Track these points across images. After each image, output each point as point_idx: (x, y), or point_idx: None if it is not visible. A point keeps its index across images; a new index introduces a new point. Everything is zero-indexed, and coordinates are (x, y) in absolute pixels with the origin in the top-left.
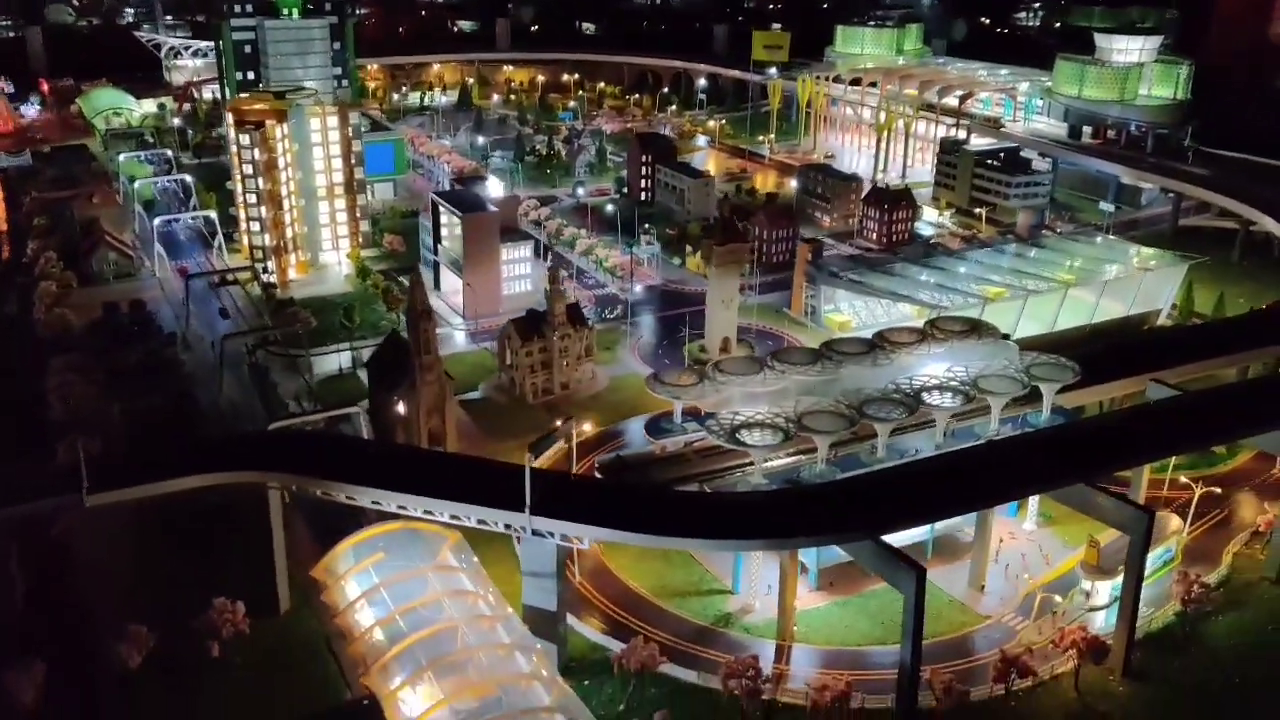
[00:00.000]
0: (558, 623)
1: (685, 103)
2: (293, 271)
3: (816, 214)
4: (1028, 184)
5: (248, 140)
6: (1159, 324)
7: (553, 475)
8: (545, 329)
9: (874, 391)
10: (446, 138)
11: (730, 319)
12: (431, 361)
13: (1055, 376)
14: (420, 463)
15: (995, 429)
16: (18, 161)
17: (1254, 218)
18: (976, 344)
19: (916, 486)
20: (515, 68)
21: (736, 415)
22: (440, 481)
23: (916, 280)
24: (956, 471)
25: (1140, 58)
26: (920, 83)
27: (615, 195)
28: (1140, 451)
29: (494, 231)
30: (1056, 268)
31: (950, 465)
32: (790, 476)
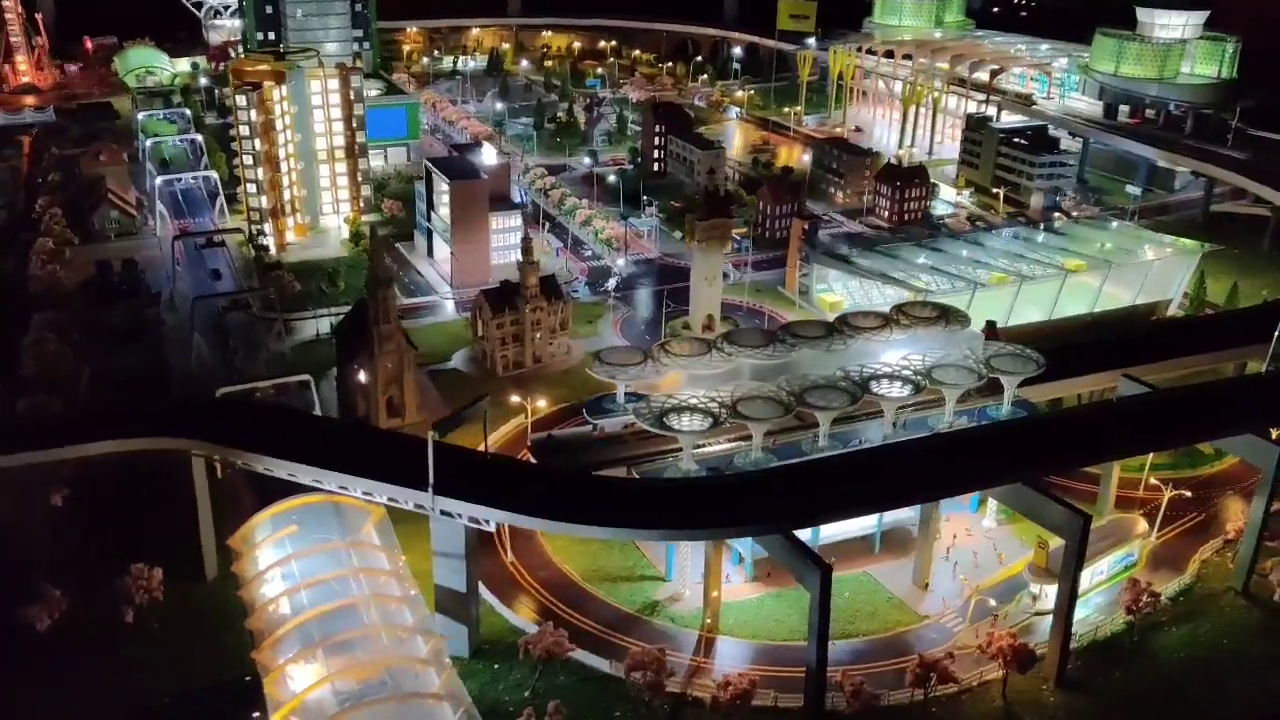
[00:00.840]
0: (468, 604)
1: (720, 72)
2: (291, 234)
3: (830, 189)
4: (1053, 164)
5: (244, 101)
6: (1169, 314)
7: (466, 454)
8: (518, 301)
9: (819, 378)
10: (472, 103)
11: (714, 296)
12: (390, 331)
13: (1017, 369)
14: (341, 436)
15: (949, 421)
16: (42, 118)
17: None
18: (941, 332)
19: (840, 480)
20: (553, 33)
21: (669, 398)
22: (357, 456)
23: (913, 262)
24: (887, 466)
25: (1184, 34)
26: (952, 56)
27: (630, 165)
28: (1087, 451)
29: (483, 199)
30: (1061, 253)
31: (883, 458)
32: (723, 464)
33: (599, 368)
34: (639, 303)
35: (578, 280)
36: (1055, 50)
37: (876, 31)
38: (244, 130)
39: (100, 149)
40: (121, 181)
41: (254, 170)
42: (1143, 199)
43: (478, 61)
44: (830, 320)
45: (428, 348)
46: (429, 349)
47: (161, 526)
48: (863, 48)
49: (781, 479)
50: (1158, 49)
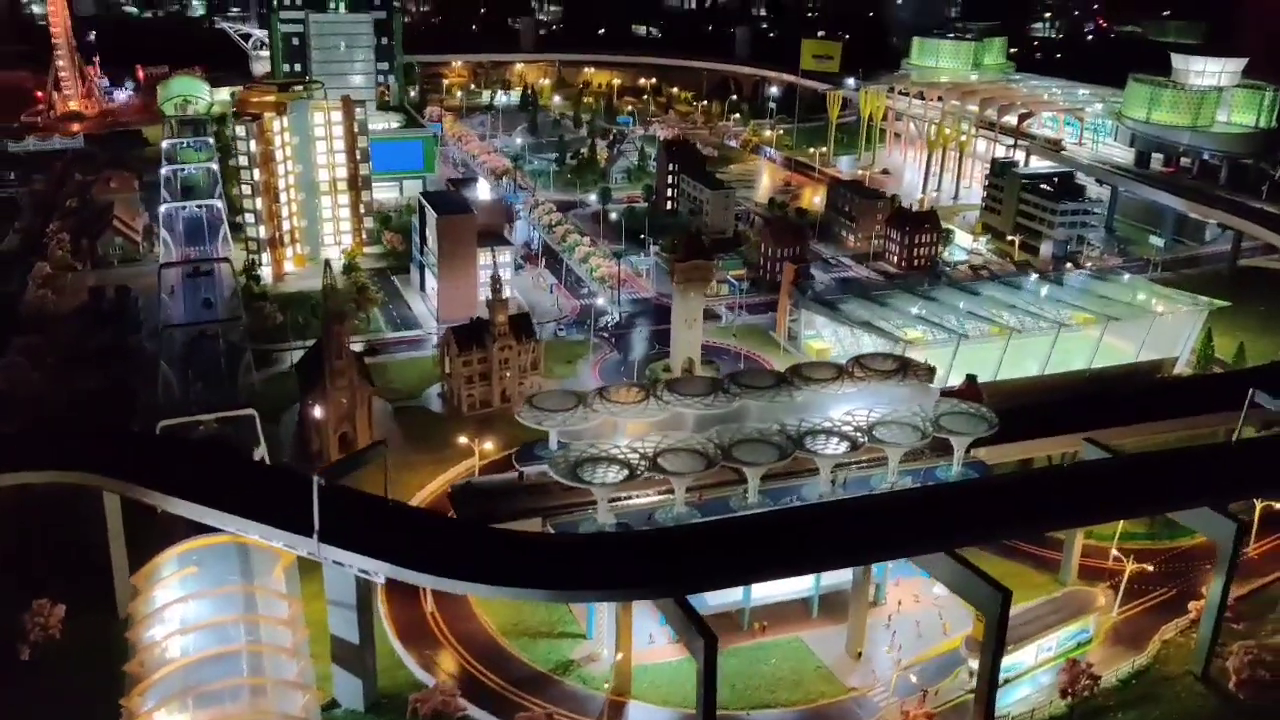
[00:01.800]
0: (363, 655)
1: (756, 112)
2: (290, 264)
3: (843, 233)
4: (1075, 212)
5: (243, 132)
6: (1176, 372)
7: (367, 500)
8: (486, 339)
9: (752, 431)
10: (500, 137)
11: (694, 339)
12: (343, 367)
13: (967, 429)
14: (246, 474)
15: (891, 482)
16: (71, 144)
17: None
18: (895, 386)
19: (748, 542)
20: (595, 69)
21: (592, 448)
22: (255, 498)
23: (904, 311)
24: (802, 528)
25: (1220, 81)
26: (981, 100)
27: (644, 203)
28: (1019, 521)
29: (470, 234)
30: (1061, 306)
31: (799, 521)
32: (642, 519)
33: (527, 412)
34: (629, 343)
35: (566, 318)
36: (1093, 95)
37: (913, 73)
38: (243, 160)
39: (111, 175)
40: (130, 208)
41: (252, 200)
42: (1169, 250)
43: (510, 96)
44: (779, 371)
45: (401, 383)
46: (403, 384)
47: (80, 560)
48: (893, 89)
49: (690, 538)
50: (1191, 96)
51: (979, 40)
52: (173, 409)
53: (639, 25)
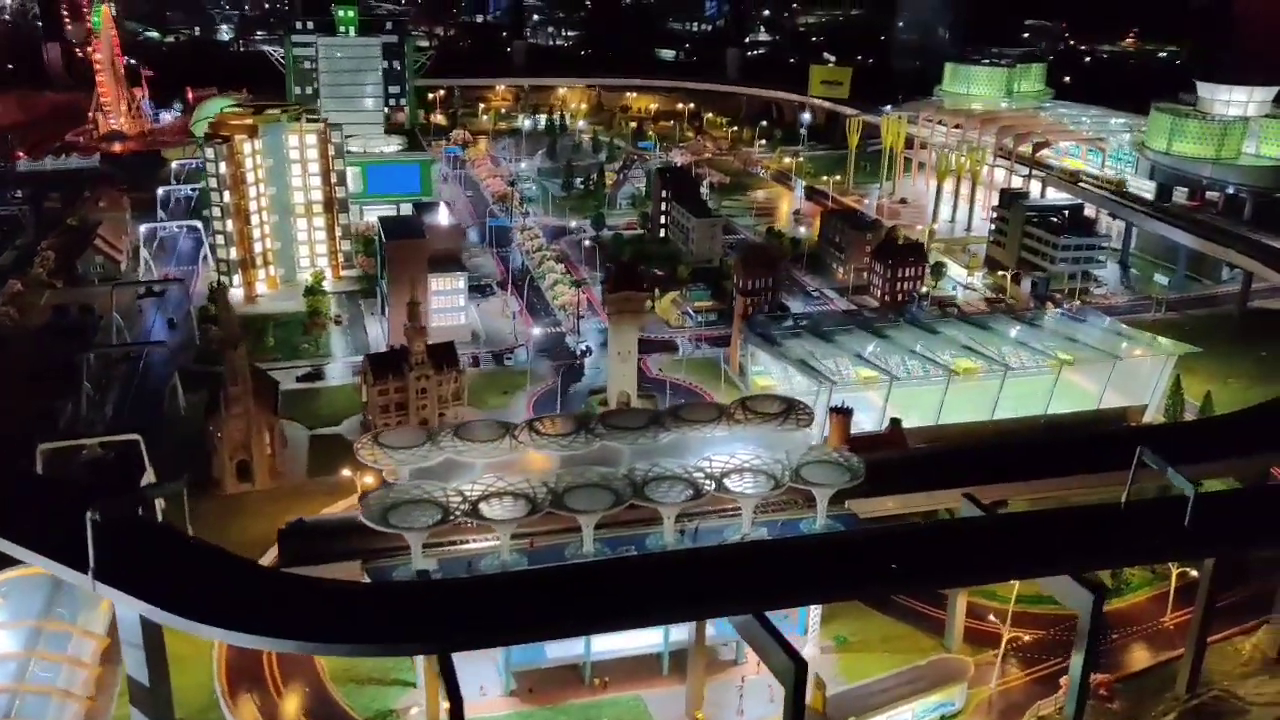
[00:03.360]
0: (155, 698)
1: (788, 138)
2: (263, 286)
3: (834, 264)
4: (1078, 246)
5: (212, 154)
6: (1146, 420)
7: (169, 536)
8: (404, 367)
9: (594, 476)
10: (524, 160)
11: (629, 372)
12: (239, 394)
13: (829, 479)
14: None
15: (745, 533)
16: (86, 164)
17: None
18: (772, 430)
19: (545, 596)
20: (637, 95)
21: (416, 489)
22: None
23: (851, 349)
24: (609, 582)
25: (1248, 111)
26: (1000, 128)
27: (641, 230)
28: (846, 584)
29: (421, 259)
30: (1024, 349)
31: (611, 573)
32: (464, 566)
33: (367, 448)
34: (578, 373)
35: (521, 347)
36: (1126, 124)
37: (946, 100)
38: (212, 182)
39: (101, 195)
40: (117, 228)
41: (222, 222)
42: (1181, 289)
43: (537, 120)
44: (654, 411)
45: (330, 410)
46: (331, 411)
47: None
48: (915, 116)
49: (489, 588)
50: (1214, 126)
51: (1012, 66)
52: (87, 430)
53: (665, 50)
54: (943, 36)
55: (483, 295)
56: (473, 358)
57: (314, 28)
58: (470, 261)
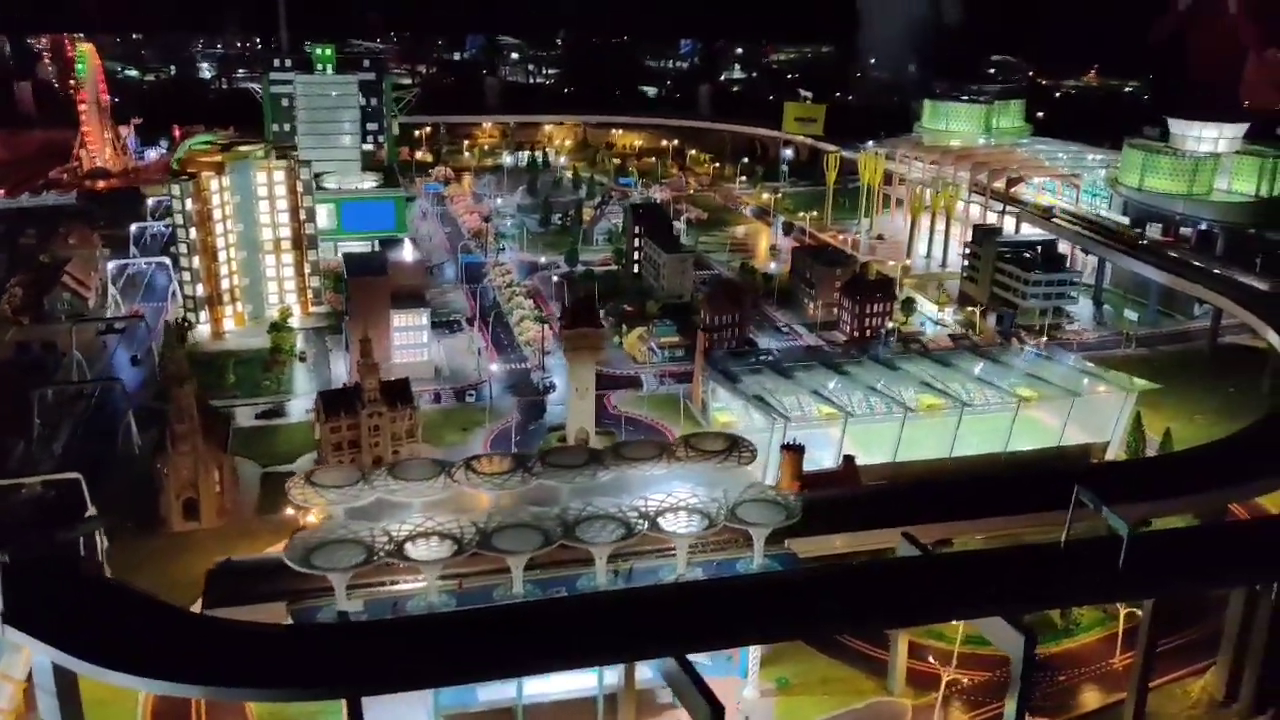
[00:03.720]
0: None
1: (771, 174)
2: (230, 323)
3: (805, 300)
4: (1049, 282)
5: (178, 191)
6: (1109, 457)
7: (82, 577)
8: (358, 405)
9: (525, 516)
10: (504, 196)
11: (587, 408)
12: (185, 431)
13: (765, 518)
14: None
15: (680, 573)
16: (63, 201)
17: (1262, 344)
18: (713, 468)
19: (458, 638)
20: (623, 131)
21: (343, 528)
22: None
23: (807, 386)
24: (533, 623)
25: (1219, 147)
26: (974, 164)
27: (615, 266)
28: (769, 626)
29: (383, 295)
30: (985, 385)
31: (536, 614)
32: (390, 607)
33: (299, 488)
34: (540, 410)
35: (483, 384)
36: (1103, 160)
37: (925, 136)
38: (178, 219)
39: (71, 232)
40: (86, 265)
41: (189, 259)
42: (1154, 324)
43: (519, 157)
44: (596, 449)
45: (287, 447)
46: (288, 449)
47: None
48: (892, 152)
49: (405, 630)
50: (1185, 162)
51: (989, 103)
52: (34, 469)
53: (648, 86)
54: (912, 73)
55: (450, 331)
56: (434, 394)
57: (292, 65)
58: (442, 297)
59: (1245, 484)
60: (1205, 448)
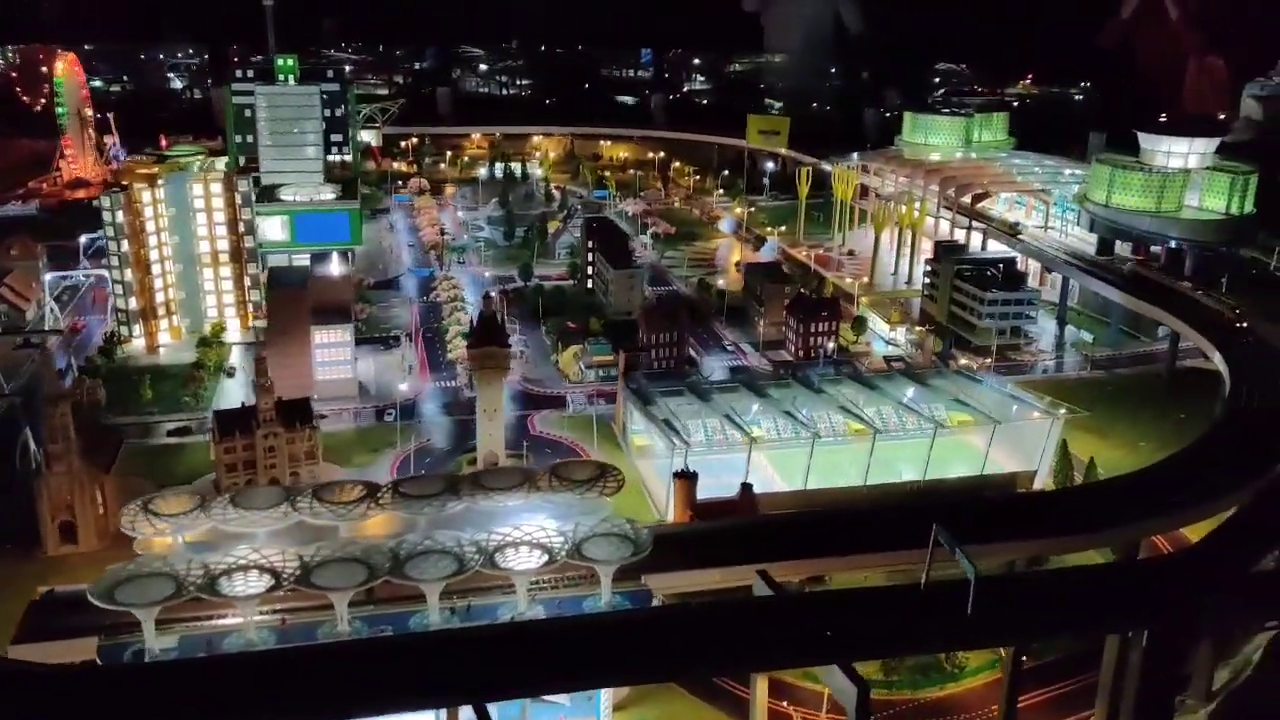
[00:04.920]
0: None
1: (752, 187)
2: (166, 336)
3: (755, 319)
4: (1005, 302)
5: (108, 203)
6: (1037, 487)
7: None
8: (254, 425)
9: (355, 550)
10: (480, 208)
11: (496, 430)
12: (60, 452)
13: (610, 554)
14: None
15: (521, 611)
16: (23, 211)
17: (1219, 369)
18: (571, 499)
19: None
20: (612, 143)
21: (159, 561)
22: None
23: (723, 411)
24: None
25: (1190, 162)
26: (942, 178)
27: (571, 282)
28: (590, 670)
29: (302, 310)
30: (907, 410)
31: (349, 654)
32: (205, 645)
33: (132, 515)
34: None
35: (398, 404)
36: (1081, 175)
37: (905, 150)
38: (109, 231)
39: (12, 243)
40: (27, 276)
41: (120, 271)
42: (1115, 346)
43: (492, 169)
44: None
45: (191, 467)
46: (192, 469)
47: None
48: (864, 166)
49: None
50: (1153, 178)
51: (969, 116)
52: None
53: (623, 96)
54: (866, 82)
55: (385, 347)
56: (353, 413)
57: (253, 76)
58: (387, 311)
59: (1122, 525)
60: (1101, 483)
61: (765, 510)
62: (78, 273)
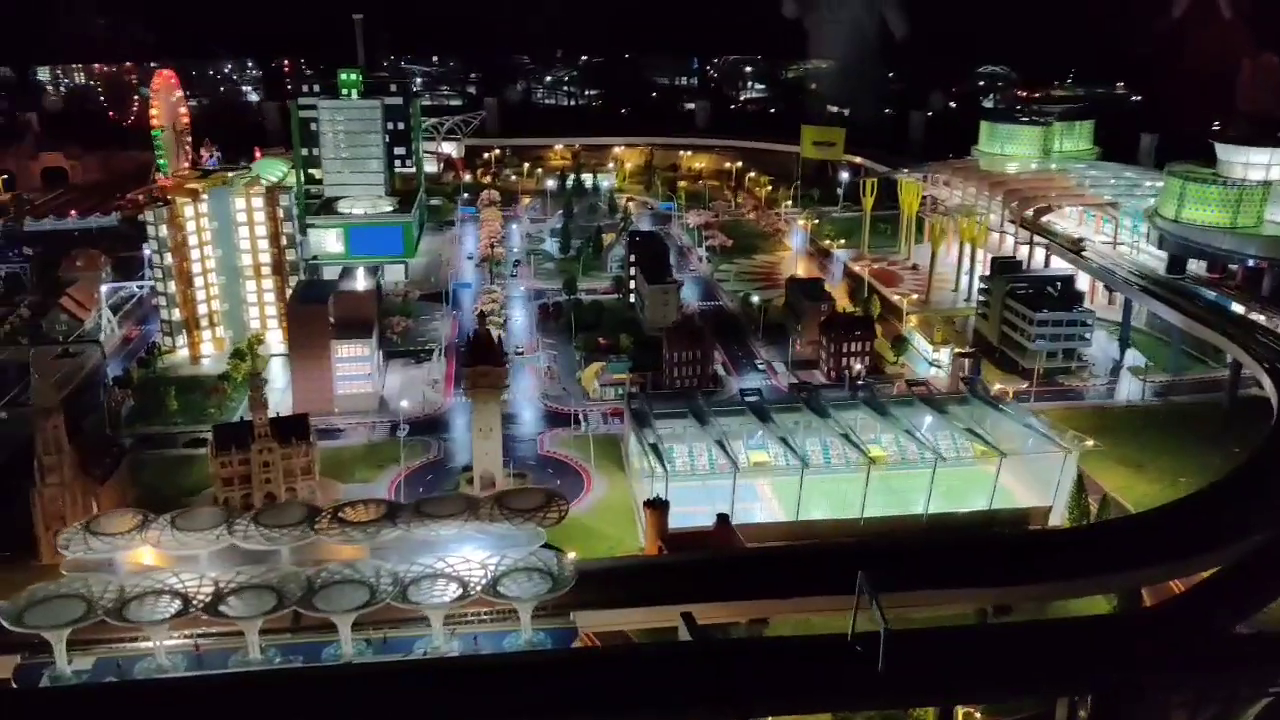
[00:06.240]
0: None
1: (827, 198)
2: (209, 347)
3: (793, 336)
4: (1055, 323)
5: (152, 217)
6: (1053, 523)
7: None
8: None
9: (271, 577)
10: (546, 219)
11: (492, 450)
12: (53, 463)
13: (531, 589)
14: None
15: (437, 645)
16: (104, 223)
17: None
18: (509, 529)
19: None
20: (692, 153)
21: (78, 581)
22: None
23: (715, 436)
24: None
25: (1271, 174)
26: (1006, 191)
27: (616, 296)
28: None
29: (322, 325)
30: (912, 440)
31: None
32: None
33: (66, 536)
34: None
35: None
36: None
37: (981, 160)
38: (152, 244)
39: (79, 255)
40: (88, 287)
41: (164, 283)
42: (1178, 371)
43: (560, 180)
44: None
45: (197, 480)
46: (199, 481)
47: None
48: (930, 177)
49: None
50: (1229, 191)
51: (1046, 124)
52: None
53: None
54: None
55: (416, 361)
56: (369, 427)
57: (319, 90)
58: (427, 324)
59: (1102, 574)
60: (1098, 524)
61: (749, 542)
62: (131, 284)
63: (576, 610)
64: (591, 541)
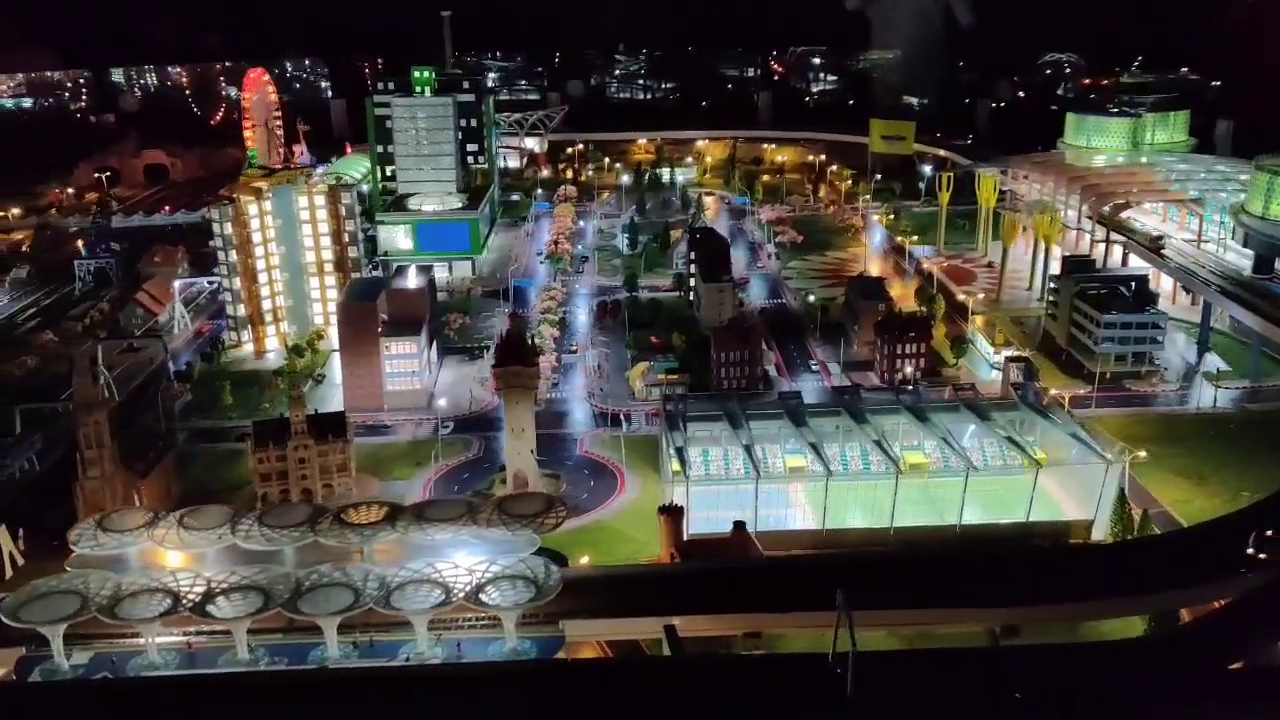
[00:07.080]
0: None
1: (908, 192)
2: (273, 342)
3: (851, 336)
4: (1124, 325)
5: (217, 215)
6: (1097, 537)
7: None
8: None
9: (260, 578)
10: (621, 214)
11: (525, 450)
12: (95, 457)
13: (514, 597)
14: None
15: (421, 651)
16: (190, 218)
17: None
18: (504, 534)
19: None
20: (776, 146)
21: (78, 578)
22: None
23: (742, 440)
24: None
25: None
26: (1084, 186)
27: (678, 294)
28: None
29: (371, 322)
30: (947, 448)
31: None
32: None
33: (77, 532)
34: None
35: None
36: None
37: (1068, 153)
38: (218, 241)
39: (158, 250)
40: (164, 282)
41: (229, 279)
42: (1254, 379)
43: (635, 175)
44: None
45: (241, 475)
46: (243, 476)
47: None
48: (1009, 170)
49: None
50: None
51: (1138, 116)
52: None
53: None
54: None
55: (470, 359)
56: (415, 424)
57: (393, 88)
58: (486, 321)
59: (1111, 597)
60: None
61: (771, 550)
62: (202, 279)
63: (566, 620)
64: (616, 545)
